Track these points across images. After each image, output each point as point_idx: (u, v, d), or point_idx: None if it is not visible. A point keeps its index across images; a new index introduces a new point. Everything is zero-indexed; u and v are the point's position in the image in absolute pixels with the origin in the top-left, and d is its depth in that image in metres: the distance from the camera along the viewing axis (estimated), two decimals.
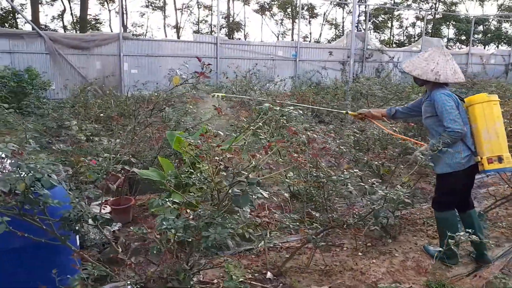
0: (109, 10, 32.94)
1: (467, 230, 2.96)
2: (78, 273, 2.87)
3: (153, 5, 34.08)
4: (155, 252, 2.13)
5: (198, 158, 2.85)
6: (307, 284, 3.50)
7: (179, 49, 13.53)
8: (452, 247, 2.95)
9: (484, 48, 31.49)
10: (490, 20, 33.52)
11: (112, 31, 26.71)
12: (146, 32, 35.36)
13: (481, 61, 21.06)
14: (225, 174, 2.11)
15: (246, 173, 2.00)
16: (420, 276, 3.67)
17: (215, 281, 3.51)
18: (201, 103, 6.99)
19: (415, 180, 4.55)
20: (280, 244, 4.23)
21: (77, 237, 3.04)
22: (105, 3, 32.30)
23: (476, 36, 32.31)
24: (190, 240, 2.12)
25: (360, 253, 4.04)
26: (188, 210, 2.46)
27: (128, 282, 2.12)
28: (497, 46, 33.28)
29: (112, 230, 3.68)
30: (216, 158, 2.17)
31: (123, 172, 3.16)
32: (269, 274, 3.62)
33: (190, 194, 2.74)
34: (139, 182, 5.12)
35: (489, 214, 4.93)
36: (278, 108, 2.46)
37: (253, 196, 2.05)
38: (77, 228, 2.34)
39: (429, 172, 5.09)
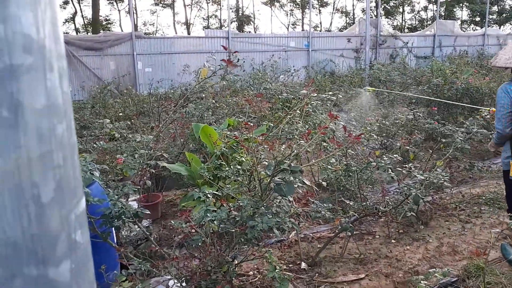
0: (119, 10, 33.09)
1: None
2: (117, 269, 2.90)
3: (162, 2, 34.10)
4: (199, 244, 2.13)
5: (231, 150, 2.83)
6: (343, 273, 3.47)
7: (191, 45, 13.53)
8: None
9: (500, 28, 30.73)
10: None
11: (122, 31, 26.84)
12: (157, 30, 35.44)
13: (498, 42, 20.55)
14: (266, 163, 2.09)
15: (288, 162, 1.98)
16: (457, 261, 3.62)
17: (251, 273, 3.51)
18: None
19: (447, 164, 4.47)
20: (311, 234, 4.21)
21: (114, 234, 3.07)
22: (115, 3, 32.45)
23: (491, 16, 31.53)
24: (233, 231, 2.11)
25: (393, 240, 4.00)
26: (225, 203, 2.44)
27: (174, 275, 2.13)
28: None
29: (145, 226, 3.70)
30: (256, 148, 2.15)
31: (156, 168, 3.17)
32: (303, 265, 3.61)
33: (226, 186, 2.73)
34: (165, 178, 5.15)
35: None
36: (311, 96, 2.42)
37: (295, 185, 2.03)
38: (118, 224, 2.35)
39: (459, 156, 4.99)
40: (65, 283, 0.47)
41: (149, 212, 2.42)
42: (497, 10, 32.68)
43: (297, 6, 35.87)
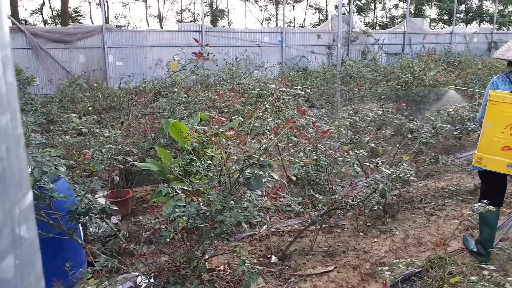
0: (89, 2, 32.16)
1: None
2: (84, 266, 2.84)
3: None
4: (168, 240, 2.12)
5: (202, 145, 2.82)
6: (313, 265, 3.53)
7: (164, 39, 13.34)
8: None
9: (467, 27, 31.76)
10: None
11: (93, 23, 26.13)
12: (129, 23, 34.68)
13: (465, 40, 21.24)
14: (235, 158, 2.09)
15: (257, 156, 1.99)
16: (421, 252, 3.74)
17: (221, 267, 3.52)
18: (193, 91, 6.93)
19: (414, 159, 4.60)
20: (281, 228, 4.26)
21: (81, 230, 3.01)
22: None
23: (458, 15, 32.51)
24: (202, 226, 2.11)
25: (361, 233, 4.09)
26: (195, 198, 2.44)
27: (142, 272, 2.11)
28: (479, 25, 33.60)
29: (114, 222, 3.65)
30: (225, 143, 2.15)
31: (124, 163, 3.11)
32: (274, 258, 3.65)
33: (197, 181, 2.72)
34: (135, 174, 5.08)
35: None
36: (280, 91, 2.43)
37: (264, 179, 2.05)
38: (84, 221, 2.31)
39: (425, 151, 5.15)
40: (8, 280, 0.45)
41: (116, 208, 2.38)
42: (464, 9, 33.73)
43: (271, 1, 35.90)
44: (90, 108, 7.43)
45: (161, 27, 32.43)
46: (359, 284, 3.25)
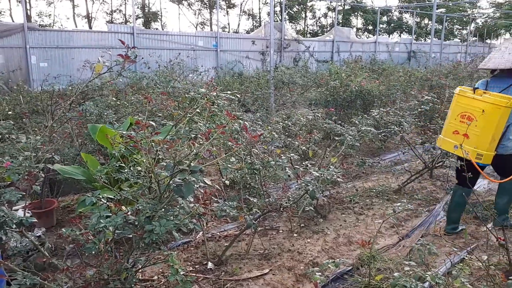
0: None
1: None
2: (2, 286, 2.60)
3: None
4: (93, 253, 2.00)
5: (130, 151, 2.71)
6: (249, 269, 3.54)
7: (93, 40, 12.74)
8: None
9: (389, 37, 34.10)
10: (393, 11, 36.30)
11: (14, 22, 24.20)
12: (54, 22, 32.58)
13: (387, 49, 22.79)
14: (164, 164, 2.03)
15: (188, 162, 1.95)
16: (352, 251, 3.91)
17: (155, 277, 3.41)
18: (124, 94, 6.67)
19: (342, 161, 4.81)
20: (218, 233, 4.23)
21: None
22: None
23: (381, 26, 34.77)
24: (131, 236, 2.02)
25: (295, 234, 4.19)
26: (124, 207, 2.33)
27: (67, 287, 1.96)
28: (400, 35, 36.25)
29: (37, 235, 3.38)
30: (153, 148, 2.08)
31: (45, 171, 2.90)
32: (210, 265, 3.60)
33: (124, 189, 2.60)
34: (60, 183, 4.77)
35: (405, 188, 5.40)
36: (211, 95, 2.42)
37: (196, 185, 2.01)
38: (0, 235, 2.11)
39: (353, 153, 5.41)
40: None
41: (36, 220, 2.20)
42: (386, 20, 36.17)
43: (205, 6, 35.80)
44: (10, 112, 6.84)
45: (90, 27, 30.93)
46: (294, 286, 3.31)
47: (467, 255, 3.60)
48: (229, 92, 3.61)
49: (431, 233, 4.25)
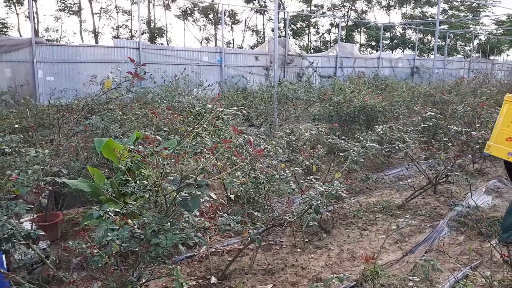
0: (17, 14, 30.22)
1: None
2: None
3: (68, 9, 31.93)
4: (99, 265, 2.02)
5: (137, 165, 2.75)
6: (252, 284, 3.54)
7: (99, 54, 12.92)
8: None
9: (392, 52, 34.33)
10: (396, 27, 36.63)
11: (21, 36, 24.58)
12: (61, 37, 33.02)
13: (390, 64, 22.94)
14: (171, 178, 2.07)
15: (194, 176, 1.99)
16: (356, 266, 3.90)
17: None
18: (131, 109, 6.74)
19: (346, 176, 4.83)
20: (221, 248, 4.24)
21: (4, 258, 2.78)
22: (13, 6, 29.59)
23: (384, 42, 35.06)
24: (137, 250, 2.04)
25: (299, 249, 4.19)
26: (130, 220, 2.36)
27: None
28: (403, 51, 36.49)
29: (42, 248, 3.40)
30: (161, 162, 2.12)
31: (53, 184, 2.94)
32: (213, 279, 3.60)
33: (130, 203, 2.63)
34: (65, 196, 4.80)
35: (409, 204, 5.39)
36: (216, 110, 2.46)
37: (202, 199, 2.04)
38: (7, 248, 2.14)
39: (356, 169, 5.42)
40: None
41: (43, 233, 2.23)
42: (389, 36, 36.46)
43: (210, 21, 36.24)
44: (16, 126, 6.93)
45: (96, 42, 31.34)
46: None
47: (471, 271, 3.59)
48: (235, 108, 3.66)
49: (435, 249, 4.23)
